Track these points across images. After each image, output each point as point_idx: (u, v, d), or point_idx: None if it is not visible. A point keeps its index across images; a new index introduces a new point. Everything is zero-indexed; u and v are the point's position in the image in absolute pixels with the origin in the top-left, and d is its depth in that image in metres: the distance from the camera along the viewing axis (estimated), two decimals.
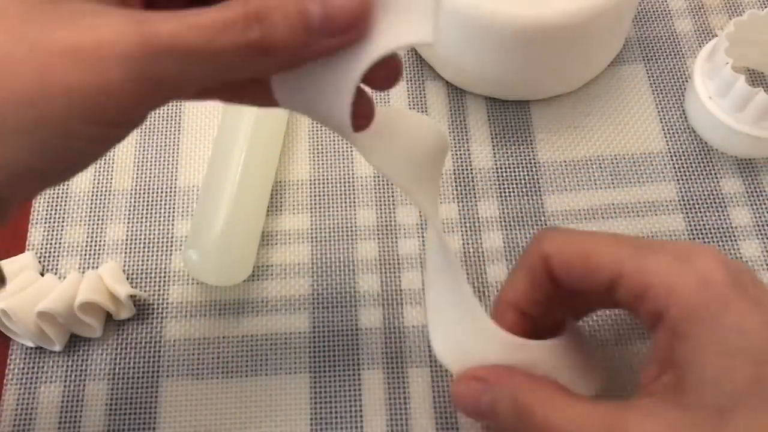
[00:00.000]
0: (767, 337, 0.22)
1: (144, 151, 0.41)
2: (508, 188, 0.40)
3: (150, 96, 0.20)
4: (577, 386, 0.27)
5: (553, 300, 0.28)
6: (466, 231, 0.39)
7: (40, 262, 0.38)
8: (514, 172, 0.40)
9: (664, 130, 0.42)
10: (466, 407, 0.27)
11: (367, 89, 0.24)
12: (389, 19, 0.21)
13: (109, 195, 0.40)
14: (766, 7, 0.44)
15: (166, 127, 0.42)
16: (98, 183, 0.40)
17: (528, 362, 0.27)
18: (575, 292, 0.27)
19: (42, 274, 0.37)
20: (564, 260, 0.26)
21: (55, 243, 0.39)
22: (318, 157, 0.41)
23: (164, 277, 0.38)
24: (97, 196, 0.40)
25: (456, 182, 0.40)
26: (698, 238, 0.38)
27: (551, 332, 0.29)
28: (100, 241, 0.39)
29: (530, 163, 0.41)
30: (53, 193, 0.40)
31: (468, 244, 0.38)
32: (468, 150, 0.41)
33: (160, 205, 0.40)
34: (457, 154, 0.41)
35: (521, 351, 0.27)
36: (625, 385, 0.33)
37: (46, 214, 0.39)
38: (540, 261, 0.27)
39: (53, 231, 0.39)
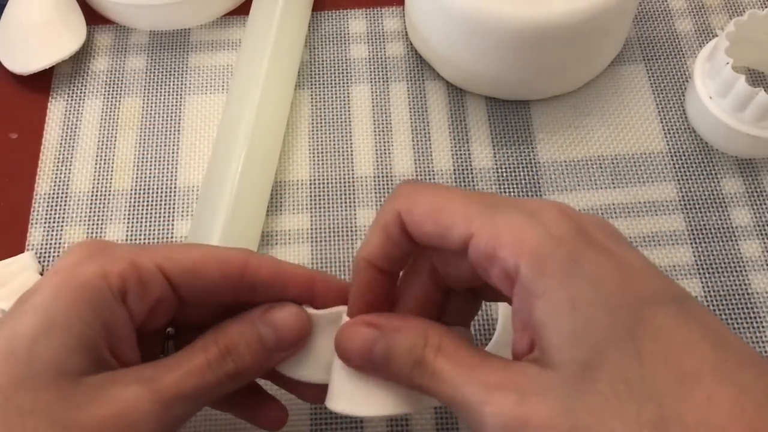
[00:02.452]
0: (619, 282, 0.21)
1: (144, 151, 0.41)
2: (508, 188, 0.40)
3: (168, 431, 0.24)
4: None
5: (409, 256, 0.27)
6: None
7: (40, 262, 0.38)
8: (514, 172, 0.40)
9: (664, 130, 0.42)
10: (354, 354, 0.25)
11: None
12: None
13: (109, 195, 0.40)
14: (766, 7, 0.44)
15: (166, 127, 0.42)
16: (98, 183, 0.40)
17: None
18: (434, 249, 0.26)
19: (42, 274, 0.37)
20: (416, 218, 0.25)
21: (55, 243, 0.39)
22: (318, 157, 0.41)
23: None
24: (97, 196, 0.40)
25: (456, 182, 0.40)
26: (698, 238, 0.38)
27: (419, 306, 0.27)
28: None
29: (530, 163, 0.41)
30: (53, 194, 0.40)
31: None
32: (468, 150, 0.41)
33: (160, 205, 0.40)
34: (457, 154, 0.41)
35: None
36: None
37: (46, 214, 0.39)
38: (393, 219, 0.25)
39: (53, 231, 0.39)
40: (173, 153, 0.41)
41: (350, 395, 0.26)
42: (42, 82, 0.43)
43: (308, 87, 0.43)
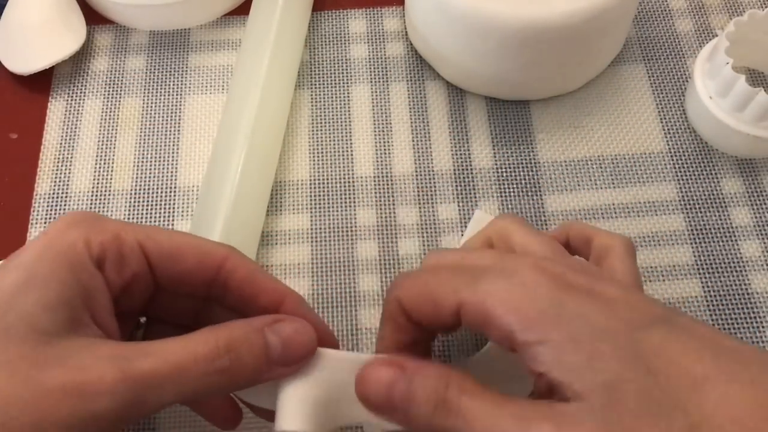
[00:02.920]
0: (606, 315, 0.23)
1: (144, 151, 0.41)
2: (508, 188, 0.40)
3: (131, 416, 0.23)
4: None
5: (421, 342, 0.28)
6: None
7: None
8: (514, 172, 0.40)
9: (664, 130, 0.42)
10: (376, 395, 0.25)
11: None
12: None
13: (109, 195, 0.40)
14: (766, 7, 0.44)
15: (166, 127, 0.42)
16: (98, 183, 0.40)
17: None
18: (437, 330, 0.28)
19: None
20: (411, 302, 0.26)
21: None
22: (318, 157, 0.41)
23: None
24: (96, 196, 0.40)
25: (456, 182, 0.40)
26: (698, 238, 0.38)
27: None
28: None
29: (530, 163, 0.41)
30: (53, 193, 0.40)
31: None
32: (468, 150, 0.41)
33: (160, 205, 0.40)
34: (457, 154, 0.41)
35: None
36: None
37: (46, 214, 0.39)
38: (396, 307, 0.27)
39: None
40: (173, 153, 0.41)
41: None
42: (42, 82, 0.43)
43: (308, 87, 0.43)
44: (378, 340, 0.28)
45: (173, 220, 0.39)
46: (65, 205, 0.40)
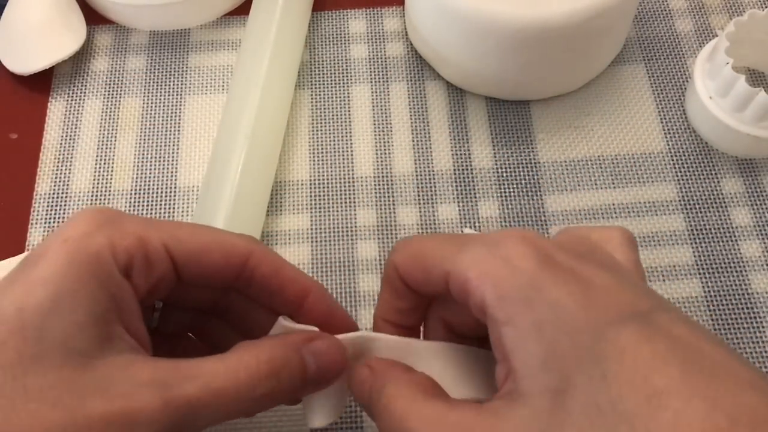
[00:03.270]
0: (582, 304, 0.21)
1: (144, 151, 0.41)
2: (508, 188, 0.40)
3: None
4: (461, 390, 0.26)
5: (420, 308, 0.28)
6: None
7: None
8: (514, 172, 0.40)
9: (664, 130, 0.42)
10: (357, 394, 0.26)
11: None
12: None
13: (109, 195, 0.40)
14: (766, 7, 0.44)
15: (166, 127, 0.42)
16: (98, 183, 0.40)
17: (411, 361, 0.26)
18: (432, 298, 0.27)
19: None
20: (406, 268, 0.26)
21: None
22: (318, 157, 0.41)
23: None
24: (96, 196, 0.40)
25: (456, 182, 0.40)
26: (698, 239, 0.38)
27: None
28: None
29: (530, 163, 0.41)
30: (53, 194, 0.40)
31: None
32: (468, 150, 0.41)
33: (160, 205, 0.40)
34: (457, 154, 0.41)
35: (404, 350, 0.27)
36: None
37: (46, 215, 0.39)
38: (393, 272, 0.27)
39: (53, 231, 0.39)
40: (173, 153, 0.41)
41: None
42: (42, 82, 0.43)
43: (308, 87, 0.43)
44: (377, 306, 0.28)
45: (173, 220, 0.39)
46: (65, 205, 0.40)
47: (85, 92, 0.43)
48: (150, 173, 0.41)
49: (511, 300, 0.22)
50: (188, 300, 0.29)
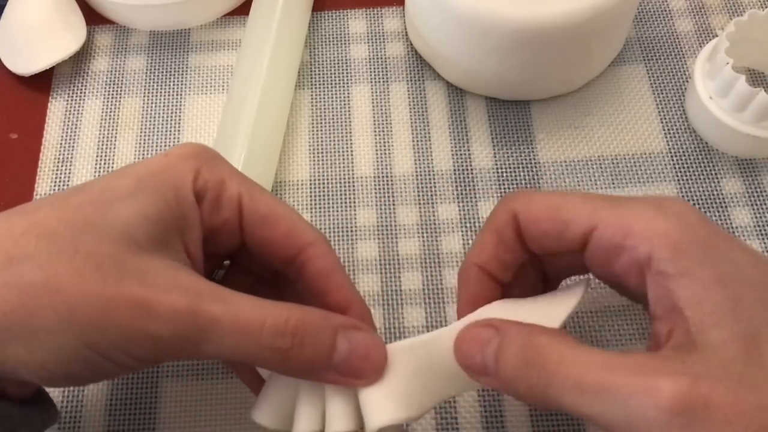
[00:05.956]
0: (755, 265, 0.22)
1: (144, 151, 0.41)
2: (508, 188, 0.40)
3: (180, 353, 0.24)
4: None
5: (523, 267, 0.27)
6: (467, 231, 0.38)
7: None
8: (514, 172, 0.40)
9: (664, 130, 0.42)
10: (471, 355, 0.24)
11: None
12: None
13: None
14: (766, 7, 0.44)
15: (166, 127, 0.42)
16: None
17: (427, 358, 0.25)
18: (546, 253, 0.26)
19: None
20: (533, 216, 0.25)
21: None
22: (318, 157, 0.41)
23: None
24: None
25: (456, 182, 0.40)
26: None
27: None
28: None
29: (530, 163, 0.41)
30: (53, 194, 0.40)
31: (468, 244, 0.38)
32: (468, 150, 0.41)
33: None
34: (457, 154, 0.41)
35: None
36: None
37: None
38: (508, 220, 0.26)
39: None
40: None
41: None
42: (42, 82, 0.43)
43: (308, 87, 0.43)
44: (473, 250, 0.27)
45: None
46: None
47: (85, 92, 0.43)
48: None
49: (688, 253, 0.22)
50: (254, 265, 0.30)
